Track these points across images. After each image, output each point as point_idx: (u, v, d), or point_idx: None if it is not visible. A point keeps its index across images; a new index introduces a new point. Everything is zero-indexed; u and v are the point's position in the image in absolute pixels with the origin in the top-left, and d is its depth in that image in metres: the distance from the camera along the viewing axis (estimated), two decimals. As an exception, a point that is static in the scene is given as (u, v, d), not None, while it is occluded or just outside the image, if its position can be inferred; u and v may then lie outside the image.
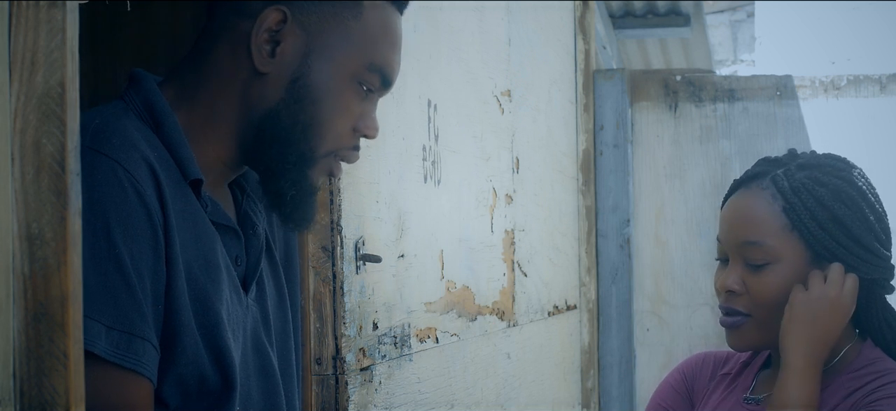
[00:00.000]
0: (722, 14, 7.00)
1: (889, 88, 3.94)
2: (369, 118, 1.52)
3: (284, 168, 1.47)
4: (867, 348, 1.76)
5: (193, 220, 1.42)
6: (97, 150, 1.32)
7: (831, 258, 1.72)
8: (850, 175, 1.76)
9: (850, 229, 1.72)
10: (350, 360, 1.84)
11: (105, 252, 1.29)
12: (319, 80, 1.46)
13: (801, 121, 3.95)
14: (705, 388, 1.91)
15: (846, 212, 1.72)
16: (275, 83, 1.46)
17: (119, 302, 1.29)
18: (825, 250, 1.72)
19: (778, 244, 1.73)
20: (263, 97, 1.46)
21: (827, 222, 1.72)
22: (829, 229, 1.72)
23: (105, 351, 1.27)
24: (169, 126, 1.43)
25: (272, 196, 1.49)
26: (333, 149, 1.49)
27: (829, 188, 1.73)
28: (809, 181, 1.74)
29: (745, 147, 3.94)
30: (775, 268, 1.73)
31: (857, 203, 1.73)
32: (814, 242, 1.72)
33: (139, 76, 1.47)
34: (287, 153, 1.46)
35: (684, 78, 4.01)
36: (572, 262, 3.59)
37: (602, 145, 3.85)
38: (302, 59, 1.46)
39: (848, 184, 1.74)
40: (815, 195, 1.72)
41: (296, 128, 1.46)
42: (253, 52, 1.45)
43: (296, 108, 1.46)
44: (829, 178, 1.75)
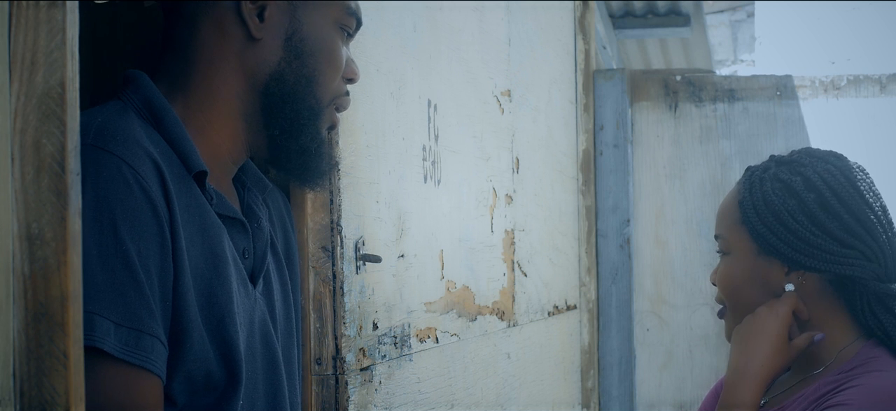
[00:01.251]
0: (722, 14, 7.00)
1: (889, 88, 3.94)
2: (353, 62, 1.58)
3: (301, 124, 1.51)
4: (866, 348, 1.75)
5: (199, 214, 1.43)
6: (101, 148, 1.33)
7: (772, 252, 1.76)
8: (813, 171, 1.76)
9: (788, 224, 1.74)
10: (350, 360, 1.85)
11: (112, 249, 1.29)
12: (312, 32, 1.51)
13: (801, 121, 3.95)
14: None
15: (791, 206, 1.74)
16: (270, 45, 1.49)
17: (127, 299, 1.29)
18: (766, 243, 1.76)
19: (731, 236, 1.81)
20: (263, 61, 1.49)
21: (767, 216, 1.76)
22: (768, 223, 1.75)
23: (114, 348, 1.27)
24: (169, 121, 1.44)
25: (296, 154, 1.52)
26: (334, 96, 1.55)
27: (783, 183, 1.76)
28: (770, 177, 1.78)
29: (745, 147, 3.94)
30: (729, 258, 1.81)
31: (802, 197, 1.74)
32: (755, 236, 1.77)
33: (135, 75, 1.48)
34: (300, 109, 1.50)
35: (684, 78, 4.01)
36: (572, 262, 3.59)
37: (602, 145, 3.86)
38: (291, 17, 1.51)
39: (802, 179, 1.75)
40: (765, 190, 1.77)
41: (301, 83, 1.50)
42: (247, 21, 1.48)
43: (297, 64, 1.50)
44: (789, 174, 1.77)
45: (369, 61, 1.95)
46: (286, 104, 1.50)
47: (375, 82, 1.99)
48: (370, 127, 1.95)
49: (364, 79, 1.93)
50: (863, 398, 1.63)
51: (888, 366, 1.70)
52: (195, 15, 1.50)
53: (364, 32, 1.91)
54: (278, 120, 1.50)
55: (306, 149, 1.52)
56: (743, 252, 1.79)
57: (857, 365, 1.72)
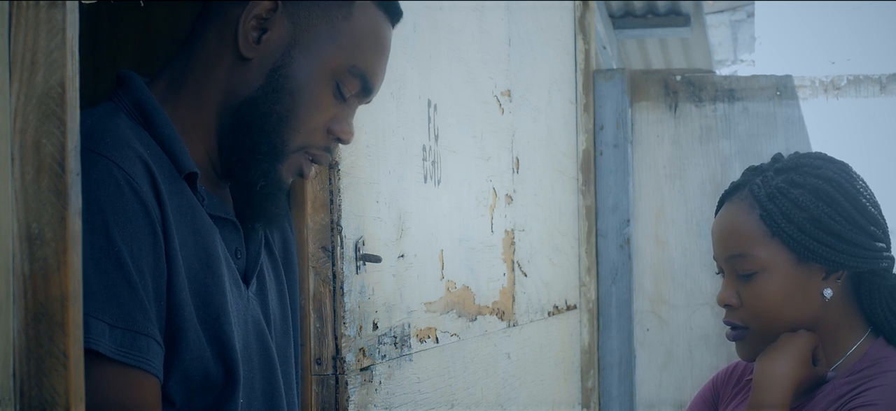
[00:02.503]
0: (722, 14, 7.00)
1: (889, 88, 3.94)
2: (344, 122, 1.51)
3: (255, 158, 1.47)
4: (875, 348, 1.75)
5: (191, 215, 1.42)
6: (92, 150, 1.32)
7: (815, 258, 1.73)
8: (826, 172, 1.77)
9: (828, 226, 1.72)
10: (350, 360, 1.84)
11: (105, 250, 1.29)
12: (299, 73, 1.47)
13: (801, 121, 3.95)
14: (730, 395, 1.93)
15: (823, 209, 1.73)
16: (256, 70, 1.47)
17: (121, 300, 1.29)
18: (807, 251, 1.72)
19: (762, 253, 1.74)
20: (244, 83, 1.47)
21: (804, 223, 1.73)
22: (807, 230, 1.72)
23: (109, 349, 1.27)
24: (160, 122, 1.44)
25: (242, 187, 1.49)
26: (304, 146, 1.49)
27: (805, 188, 1.74)
28: (785, 184, 1.75)
29: (745, 147, 3.94)
30: (764, 277, 1.75)
31: (833, 198, 1.74)
32: (794, 245, 1.73)
33: (127, 76, 1.48)
34: (259, 142, 1.46)
35: (684, 78, 4.01)
36: (572, 262, 3.59)
37: (602, 145, 3.85)
38: (285, 50, 1.47)
39: (824, 181, 1.75)
40: (790, 197, 1.74)
41: (271, 118, 1.46)
42: (239, 36, 1.46)
43: (273, 98, 1.46)
44: (805, 178, 1.76)
45: (369, 61, 1.95)
46: (249, 133, 1.46)
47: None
48: (370, 127, 1.95)
49: (364, 79, 1.93)
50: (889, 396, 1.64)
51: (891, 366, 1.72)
52: (209, 15, 1.49)
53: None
54: (237, 146, 1.47)
55: (253, 184, 1.47)
56: (779, 265, 1.73)
57: (870, 365, 1.72)
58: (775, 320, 1.75)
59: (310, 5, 1.47)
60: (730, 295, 1.77)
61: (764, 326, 1.76)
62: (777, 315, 1.75)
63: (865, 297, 1.76)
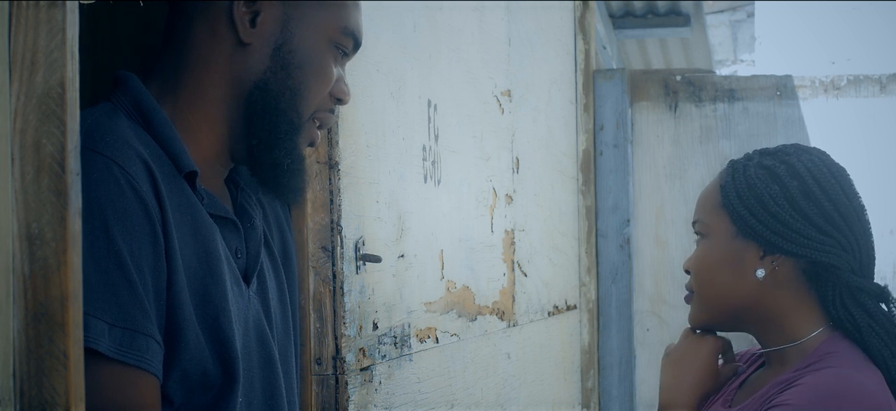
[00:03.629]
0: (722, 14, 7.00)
1: (889, 88, 3.94)
2: (343, 82, 1.56)
3: (277, 137, 1.49)
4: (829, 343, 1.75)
5: (191, 214, 1.42)
6: (92, 150, 1.32)
7: (751, 235, 1.77)
8: (793, 159, 1.79)
9: (769, 206, 1.76)
10: (350, 360, 1.84)
11: (105, 250, 1.29)
12: (302, 45, 1.50)
13: (801, 121, 3.95)
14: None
15: (771, 190, 1.76)
16: (259, 53, 1.48)
17: (120, 299, 1.29)
18: (745, 225, 1.77)
19: (710, 220, 1.82)
20: (249, 68, 1.48)
21: (749, 199, 1.77)
22: (749, 205, 1.77)
23: (108, 348, 1.27)
24: (159, 121, 1.44)
25: (268, 168, 1.50)
26: (314, 114, 1.53)
27: (766, 170, 1.79)
28: (754, 165, 1.80)
29: (745, 147, 3.93)
30: (705, 242, 1.82)
31: (785, 183, 1.76)
32: (735, 217, 1.78)
33: (124, 77, 1.48)
34: (279, 122, 1.49)
35: (684, 78, 4.01)
36: (572, 262, 3.59)
37: (602, 145, 3.85)
38: (282, 26, 1.49)
39: (785, 166, 1.78)
40: (747, 175, 1.79)
41: (284, 96, 1.49)
42: (236, 24, 1.47)
43: (282, 75, 1.48)
44: (771, 162, 1.80)
45: (369, 61, 1.95)
46: (266, 115, 1.48)
47: (375, 82, 1.99)
48: (370, 127, 1.95)
49: (364, 79, 1.93)
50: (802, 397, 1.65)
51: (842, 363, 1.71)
52: (192, 14, 1.50)
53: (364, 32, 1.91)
54: (257, 130, 1.48)
55: (279, 163, 1.50)
56: (720, 234, 1.80)
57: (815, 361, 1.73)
58: (708, 287, 1.81)
59: None
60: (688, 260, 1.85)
61: (700, 292, 1.82)
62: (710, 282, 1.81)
63: (820, 291, 1.78)
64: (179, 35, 1.50)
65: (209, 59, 1.48)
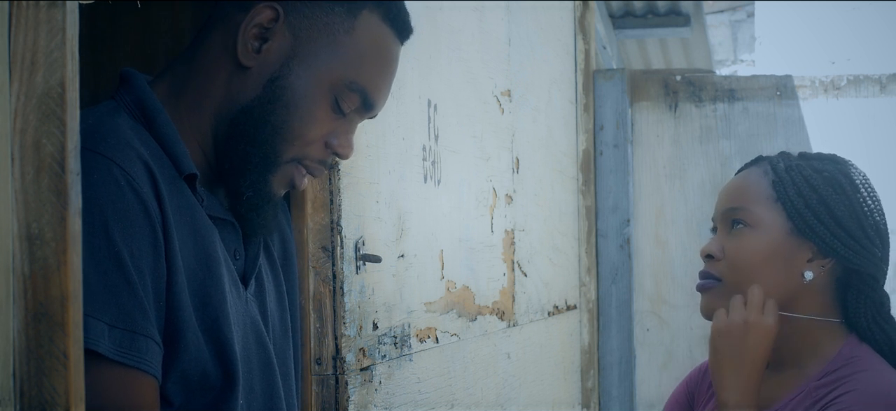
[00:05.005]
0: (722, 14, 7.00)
1: (889, 88, 3.94)
2: (343, 136, 1.50)
3: (246, 167, 1.46)
4: (848, 346, 1.76)
5: (191, 215, 1.42)
6: (92, 150, 1.32)
7: (810, 234, 1.75)
8: (846, 168, 1.80)
9: (832, 209, 1.75)
10: (350, 360, 1.84)
11: (105, 250, 1.29)
12: (296, 85, 1.45)
13: (801, 121, 3.95)
14: (704, 396, 1.92)
15: (832, 195, 1.76)
16: (254, 79, 1.46)
17: (120, 300, 1.29)
18: (804, 224, 1.75)
19: (759, 210, 1.77)
20: (241, 91, 1.46)
21: (811, 198, 1.76)
22: (812, 205, 1.75)
23: (108, 350, 1.27)
24: (161, 122, 1.44)
25: (232, 195, 1.49)
26: (298, 157, 1.48)
27: (821, 173, 1.78)
28: (804, 165, 1.79)
29: (745, 147, 3.94)
30: (752, 233, 1.77)
31: (843, 188, 1.77)
32: (794, 214, 1.75)
33: (129, 75, 1.48)
34: (251, 152, 1.46)
35: (684, 78, 4.01)
36: (572, 262, 3.59)
37: (602, 145, 3.85)
38: (284, 61, 1.46)
39: (841, 174, 1.79)
40: (804, 174, 1.77)
41: (265, 128, 1.45)
42: (238, 44, 1.45)
43: (268, 108, 1.45)
44: (824, 165, 1.80)
45: (369, 61, 1.95)
46: (242, 142, 1.45)
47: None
48: (370, 127, 1.95)
49: (364, 79, 1.93)
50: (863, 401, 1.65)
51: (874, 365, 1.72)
52: (214, 20, 1.49)
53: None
54: (230, 153, 1.46)
55: (241, 193, 1.47)
56: (773, 228, 1.76)
57: (844, 364, 1.73)
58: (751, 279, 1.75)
59: (312, 17, 1.46)
60: (715, 246, 1.79)
61: (737, 282, 1.76)
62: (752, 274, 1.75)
63: (851, 300, 1.77)
64: (199, 39, 1.50)
65: (214, 72, 1.47)
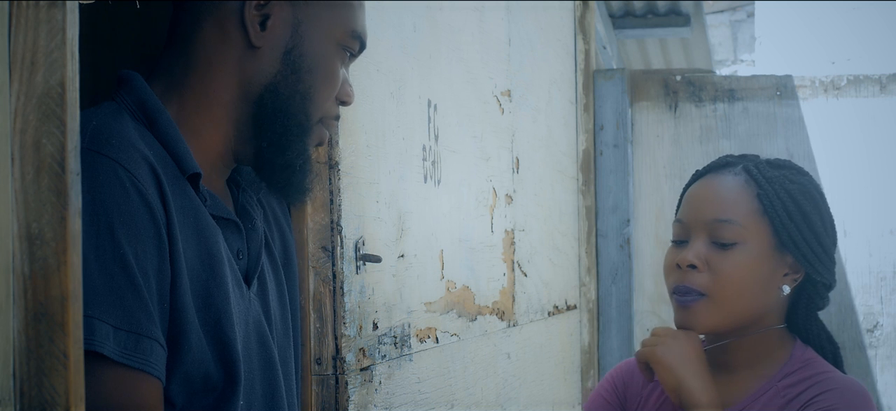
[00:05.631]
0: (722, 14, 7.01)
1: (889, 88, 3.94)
2: (348, 84, 1.57)
3: (289, 139, 1.50)
4: (798, 349, 1.80)
5: (194, 216, 1.42)
6: (97, 152, 1.32)
7: (792, 248, 1.76)
8: (813, 180, 1.83)
9: (812, 224, 1.77)
10: (350, 360, 1.84)
11: (110, 253, 1.29)
12: (312, 49, 1.50)
13: (801, 121, 3.95)
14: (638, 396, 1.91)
15: (810, 209, 1.78)
16: (269, 56, 1.48)
17: (125, 302, 1.29)
18: (789, 239, 1.76)
19: (748, 225, 1.76)
20: (259, 71, 1.48)
21: (794, 213, 1.77)
22: (795, 220, 1.76)
23: (113, 352, 1.27)
24: (163, 122, 1.44)
25: (280, 169, 1.51)
26: (323, 116, 1.54)
27: (798, 185, 1.79)
28: (780, 176, 1.80)
29: (745, 147, 3.94)
30: (742, 248, 1.75)
31: (818, 204, 1.80)
32: (781, 229, 1.76)
33: (129, 76, 1.48)
34: (290, 124, 1.49)
35: (684, 78, 4.01)
36: (572, 262, 3.59)
37: (602, 145, 3.85)
38: (292, 30, 1.49)
39: (813, 187, 1.81)
40: (786, 188, 1.78)
41: (294, 98, 1.49)
42: (248, 27, 1.47)
43: (293, 78, 1.49)
44: (797, 177, 1.81)
45: (369, 61, 1.95)
46: (277, 117, 1.48)
47: (375, 82, 1.99)
48: (370, 127, 1.95)
49: (364, 79, 1.93)
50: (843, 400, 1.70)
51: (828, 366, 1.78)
52: (200, 13, 1.49)
53: (364, 32, 1.91)
54: (267, 132, 1.49)
55: (291, 164, 1.51)
56: (760, 243, 1.76)
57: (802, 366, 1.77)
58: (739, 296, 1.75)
59: None
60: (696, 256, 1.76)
61: (725, 298, 1.75)
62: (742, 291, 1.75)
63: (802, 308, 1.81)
64: (185, 35, 1.50)
65: (218, 61, 1.48)
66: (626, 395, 1.92)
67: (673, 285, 1.80)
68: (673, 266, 1.79)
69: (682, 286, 1.78)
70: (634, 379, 1.93)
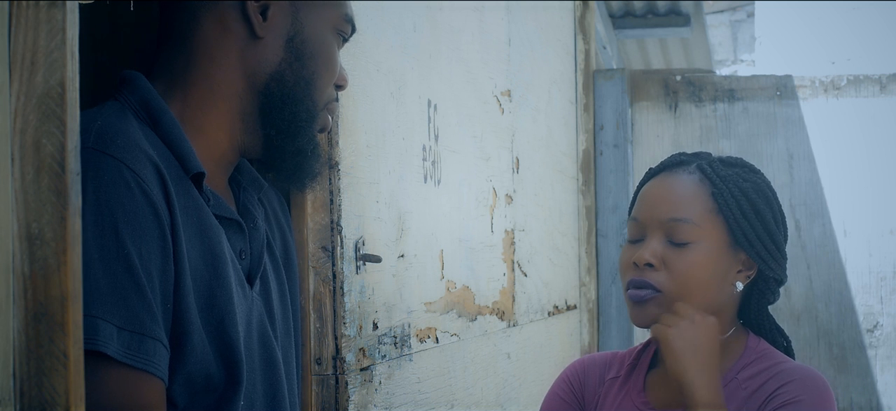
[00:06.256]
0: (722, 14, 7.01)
1: (889, 88, 3.94)
2: (343, 69, 1.60)
3: (298, 126, 1.52)
4: (752, 341, 1.82)
5: (198, 216, 1.42)
6: (102, 151, 1.32)
7: (746, 245, 1.78)
8: (765, 178, 1.85)
9: (765, 222, 1.79)
10: (350, 360, 1.85)
11: (114, 253, 1.29)
12: (312, 35, 1.52)
13: (801, 121, 3.95)
14: (595, 394, 1.91)
15: (763, 207, 1.80)
16: (272, 45, 1.50)
17: (129, 302, 1.29)
18: (743, 237, 1.78)
19: (703, 223, 1.78)
20: (264, 61, 1.50)
21: (748, 211, 1.78)
22: (749, 217, 1.78)
23: (117, 352, 1.27)
24: (166, 122, 1.44)
25: (291, 155, 1.53)
26: (326, 101, 1.56)
27: (751, 183, 1.81)
28: (733, 173, 1.81)
29: (745, 147, 3.94)
30: (697, 247, 1.77)
31: (771, 201, 1.82)
32: (735, 227, 1.78)
33: (131, 76, 1.48)
34: (298, 110, 1.51)
35: (684, 78, 4.01)
36: (572, 262, 3.59)
37: (602, 145, 3.85)
38: (292, 18, 1.51)
39: (765, 185, 1.83)
40: (740, 186, 1.79)
41: (300, 85, 1.51)
42: (250, 18, 1.49)
43: (297, 65, 1.51)
44: (750, 176, 1.83)
45: (369, 61, 1.95)
46: (285, 105, 1.50)
47: (375, 82, 1.99)
48: (370, 127, 1.95)
49: (364, 79, 1.93)
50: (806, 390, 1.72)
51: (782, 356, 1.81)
52: (197, 10, 1.49)
53: (364, 32, 1.91)
54: (276, 121, 1.50)
55: (302, 150, 1.53)
56: (714, 241, 1.77)
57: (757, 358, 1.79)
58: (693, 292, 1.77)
59: None
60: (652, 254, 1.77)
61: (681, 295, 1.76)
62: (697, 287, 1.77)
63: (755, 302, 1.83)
64: (183, 32, 1.50)
65: (220, 55, 1.49)
66: (584, 394, 1.93)
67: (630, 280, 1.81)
68: (630, 264, 1.81)
69: (637, 279, 1.79)
70: (590, 377, 1.94)
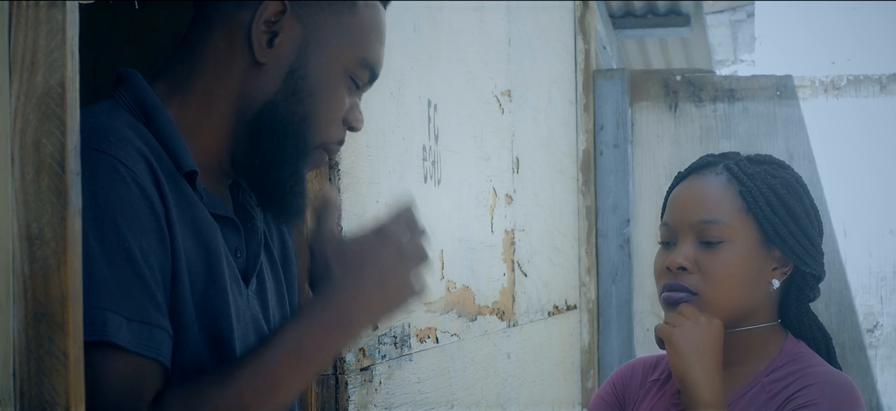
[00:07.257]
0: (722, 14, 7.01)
1: (889, 88, 3.94)
2: (357, 110, 1.54)
3: (283, 158, 1.48)
4: (789, 343, 1.81)
5: (191, 212, 1.43)
6: (95, 148, 1.33)
7: (779, 242, 1.78)
8: (794, 172, 1.84)
9: (797, 217, 1.79)
10: (350, 360, 1.84)
11: (115, 246, 1.30)
12: (315, 73, 1.48)
13: (801, 121, 3.95)
14: (635, 396, 1.92)
15: (794, 202, 1.79)
16: (271, 74, 1.47)
17: (134, 293, 1.30)
18: (775, 233, 1.78)
19: (734, 223, 1.78)
20: (260, 88, 1.47)
21: (778, 208, 1.78)
22: (779, 214, 1.78)
23: (129, 342, 1.28)
24: (161, 120, 1.44)
25: (271, 187, 1.50)
26: (323, 142, 1.51)
27: (779, 179, 1.81)
28: (761, 171, 1.81)
29: (745, 147, 3.94)
30: (730, 247, 1.77)
31: (801, 195, 1.82)
32: (766, 225, 1.78)
33: (127, 74, 1.48)
34: (285, 145, 1.47)
35: (684, 78, 4.01)
36: (572, 262, 3.59)
37: (602, 145, 3.85)
38: (299, 52, 1.47)
39: (795, 180, 1.83)
40: (768, 183, 1.79)
41: (292, 120, 1.47)
42: (253, 42, 1.46)
43: (292, 100, 1.47)
44: (778, 172, 1.82)
45: (369, 61, 1.95)
46: (273, 138, 1.47)
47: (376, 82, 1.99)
48: (370, 127, 1.95)
49: (364, 79, 1.93)
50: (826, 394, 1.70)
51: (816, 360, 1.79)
52: (212, 20, 1.49)
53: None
54: (261, 149, 1.48)
55: (281, 184, 1.49)
56: (747, 241, 1.77)
57: (789, 360, 1.78)
58: (729, 293, 1.77)
59: (317, 5, 1.48)
60: (685, 258, 1.78)
61: (717, 296, 1.77)
62: (733, 288, 1.77)
63: (793, 301, 1.82)
64: (196, 38, 1.50)
65: (222, 71, 1.48)
66: (625, 395, 1.94)
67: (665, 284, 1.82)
68: (663, 269, 1.82)
69: (672, 283, 1.80)
70: (633, 379, 1.95)
